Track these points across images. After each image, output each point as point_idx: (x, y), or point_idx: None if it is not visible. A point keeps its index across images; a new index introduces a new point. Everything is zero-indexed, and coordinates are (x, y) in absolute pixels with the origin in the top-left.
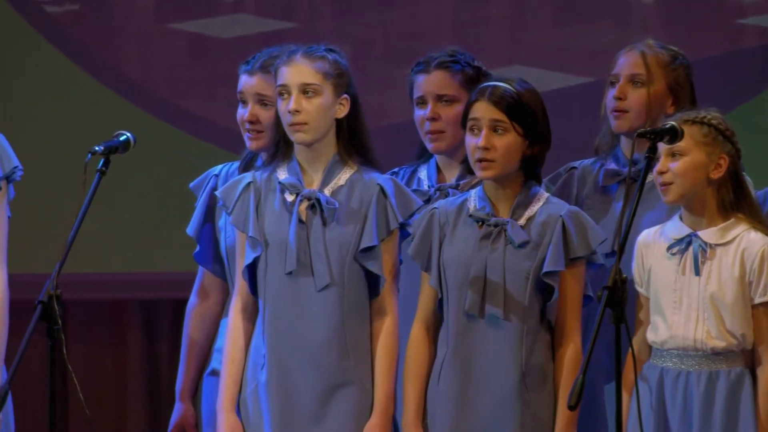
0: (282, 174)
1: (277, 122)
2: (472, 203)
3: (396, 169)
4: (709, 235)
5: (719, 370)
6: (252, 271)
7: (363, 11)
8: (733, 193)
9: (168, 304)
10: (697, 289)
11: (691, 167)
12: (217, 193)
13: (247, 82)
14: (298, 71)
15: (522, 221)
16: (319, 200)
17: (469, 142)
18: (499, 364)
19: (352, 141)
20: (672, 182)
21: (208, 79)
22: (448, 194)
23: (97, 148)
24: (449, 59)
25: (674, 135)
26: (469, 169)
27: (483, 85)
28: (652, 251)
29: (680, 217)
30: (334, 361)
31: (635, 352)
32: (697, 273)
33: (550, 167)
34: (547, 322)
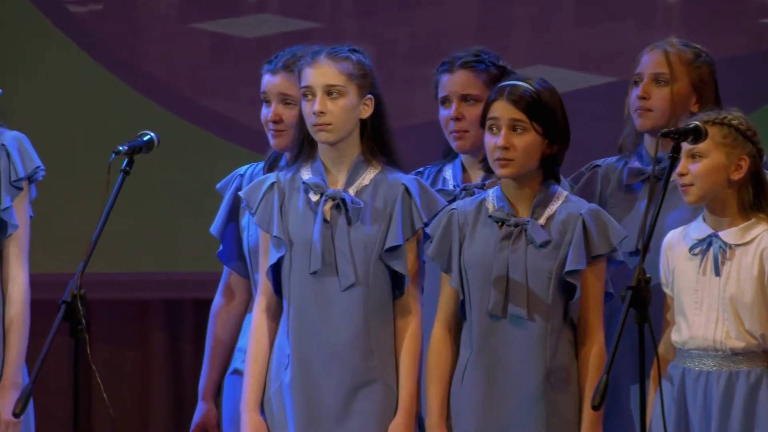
0: (306, 174)
1: (300, 122)
2: (491, 203)
3: (421, 169)
4: (730, 235)
5: (739, 370)
6: (276, 271)
7: (387, 11)
8: (753, 193)
9: (192, 304)
10: (717, 290)
11: (711, 169)
12: (241, 193)
13: (270, 82)
14: (322, 72)
15: (542, 220)
16: (344, 200)
17: (488, 141)
18: (524, 364)
19: (377, 141)
20: (692, 184)
21: (232, 79)
22: (473, 194)
23: (120, 148)
24: (473, 59)
25: (698, 135)
26: (487, 168)
27: (502, 85)
28: (676, 252)
29: (703, 218)
30: (359, 361)
31: (662, 352)
32: (717, 273)
33: (575, 166)
34: (569, 320)
